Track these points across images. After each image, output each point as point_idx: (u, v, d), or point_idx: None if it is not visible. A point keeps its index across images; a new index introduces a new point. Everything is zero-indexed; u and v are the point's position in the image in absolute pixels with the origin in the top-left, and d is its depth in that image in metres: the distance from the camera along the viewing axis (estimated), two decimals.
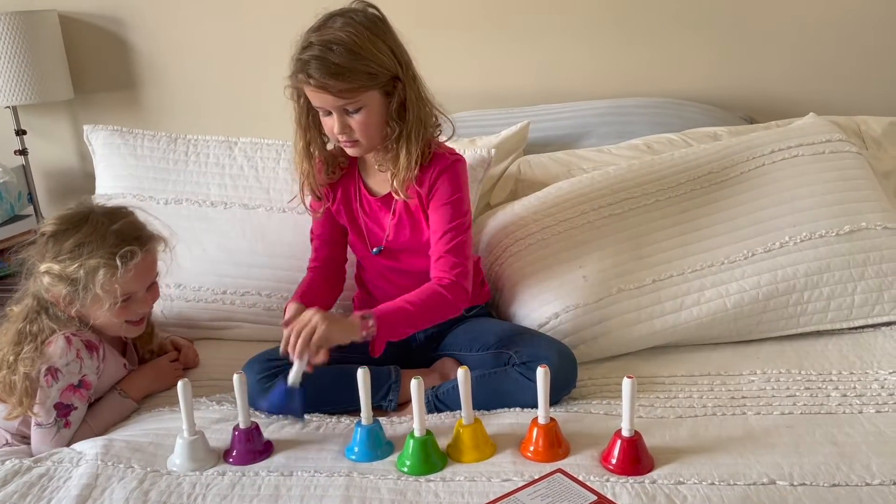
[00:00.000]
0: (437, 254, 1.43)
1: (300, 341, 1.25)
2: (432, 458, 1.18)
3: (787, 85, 2.25)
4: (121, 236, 1.35)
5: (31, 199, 2.38)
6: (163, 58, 2.38)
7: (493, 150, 1.80)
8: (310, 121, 1.44)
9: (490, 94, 2.23)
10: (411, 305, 1.36)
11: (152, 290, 1.44)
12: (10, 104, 2.26)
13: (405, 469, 1.17)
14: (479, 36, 2.25)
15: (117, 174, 1.84)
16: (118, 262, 1.32)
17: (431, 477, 1.14)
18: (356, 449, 1.21)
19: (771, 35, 2.22)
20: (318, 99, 1.35)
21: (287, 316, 1.34)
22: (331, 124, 1.38)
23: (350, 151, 1.43)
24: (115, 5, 2.34)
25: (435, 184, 1.43)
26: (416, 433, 1.18)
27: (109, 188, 1.83)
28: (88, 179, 2.43)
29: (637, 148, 1.94)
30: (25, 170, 2.37)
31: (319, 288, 1.53)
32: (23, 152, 2.35)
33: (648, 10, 2.22)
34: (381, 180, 1.50)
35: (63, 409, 1.31)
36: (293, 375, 1.27)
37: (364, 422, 1.22)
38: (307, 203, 1.53)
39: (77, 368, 1.33)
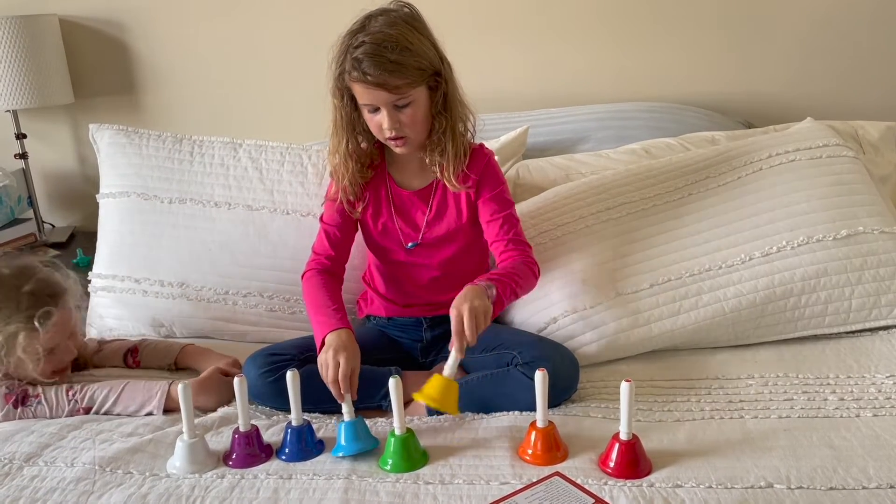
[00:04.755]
0: (502, 241, 1.46)
1: (473, 327, 1.23)
2: (413, 455, 1.20)
3: (784, 90, 2.26)
4: (35, 297, 1.38)
5: (31, 202, 2.39)
6: (163, 62, 2.39)
7: (495, 157, 1.81)
8: (350, 121, 1.45)
9: (488, 99, 2.23)
10: (513, 272, 1.39)
11: (73, 337, 1.47)
12: (11, 108, 2.27)
13: (388, 468, 1.19)
14: (477, 40, 2.25)
15: (122, 173, 1.84)
16: (37, 325, 1.36)
17: (430, 479, 1.15)
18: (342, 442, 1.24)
19: (769, 40, 2.23)
20: (370, 96, 1.36)
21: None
22: (378, 121, 1.39)
23: (398, 149, 1.45)
24: (116, 10, 2.35)
25: (482, 177, 1.48)
26: (397, 431, 1.20)
27: (114, 187, 1.84)
28: (88, 183, 2.45)
29: (635, 152, 1.95)
30: (25, 173, 2.38)
31: (340, 300, 1.49)
32: (23, 156, 2.36)
33: (646, 15, 2.23)
34: (414, 175, 1.52)
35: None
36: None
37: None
38: (345, 203, 1.52)
39: (14, 415, 1.39)
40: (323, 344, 1.35)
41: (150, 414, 1.38)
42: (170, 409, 1.38)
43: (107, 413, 1.39)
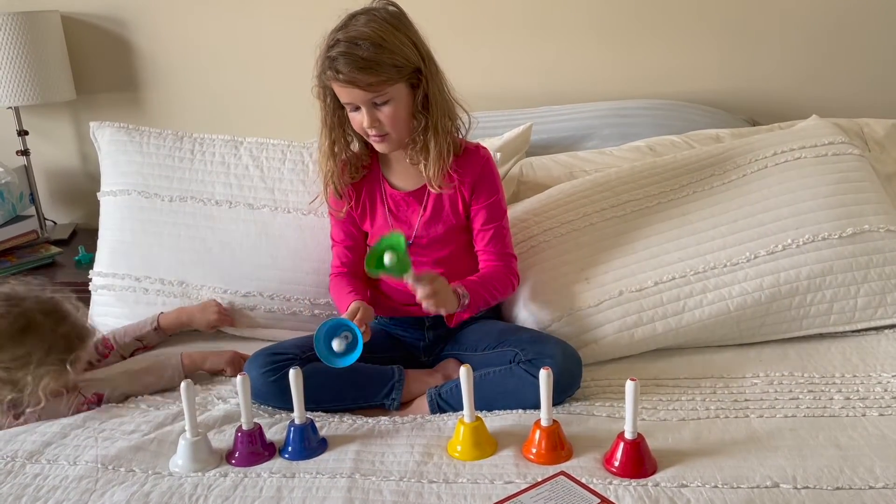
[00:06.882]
0: (490, 252, 1.52)
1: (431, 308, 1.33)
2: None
3: (789, 87, 2.25)
4: (67, 340, 1.37)
5: (33, 199, 2.38)
6: (165, 59, 2.38)
7: (497, 155, 1.80)
8: (335, 121, 1.46)
9: (492, 96, 2.23)
10: (489, 279, 1.47)
11: None
12: (13, 105, 2.26)
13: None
14: (482, 37, 2.25)
15: (123, 171, 1.83)
16: (68, 368, 1.35)
17: (434, 478, 1.14)
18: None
19: (773, 37, 2.22)
20: (346, 94, 1.37)
21: (354, 316, 1.37)
22: (360, 119, 1.40)
23: (380, 147, 1.45)
24: (118, 6, 2.34)
25: (478, 182, 1.49)
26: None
27: (114, 185, 1.83)
28: (90, 180, 2.44)
29: (639, 150, 1.94)
30: (27, 170, 2.37)
31: (359, 286, 1.53)
32: (25, 153, 2.35)
33: (651, 12, 2.22)
34: (408, 175, 1.52)
35: None
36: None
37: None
38: (329, 202, 1.54)
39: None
40: None
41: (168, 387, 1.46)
42: (188, 372, 1.49)
43: (125, 394, 1.44)
